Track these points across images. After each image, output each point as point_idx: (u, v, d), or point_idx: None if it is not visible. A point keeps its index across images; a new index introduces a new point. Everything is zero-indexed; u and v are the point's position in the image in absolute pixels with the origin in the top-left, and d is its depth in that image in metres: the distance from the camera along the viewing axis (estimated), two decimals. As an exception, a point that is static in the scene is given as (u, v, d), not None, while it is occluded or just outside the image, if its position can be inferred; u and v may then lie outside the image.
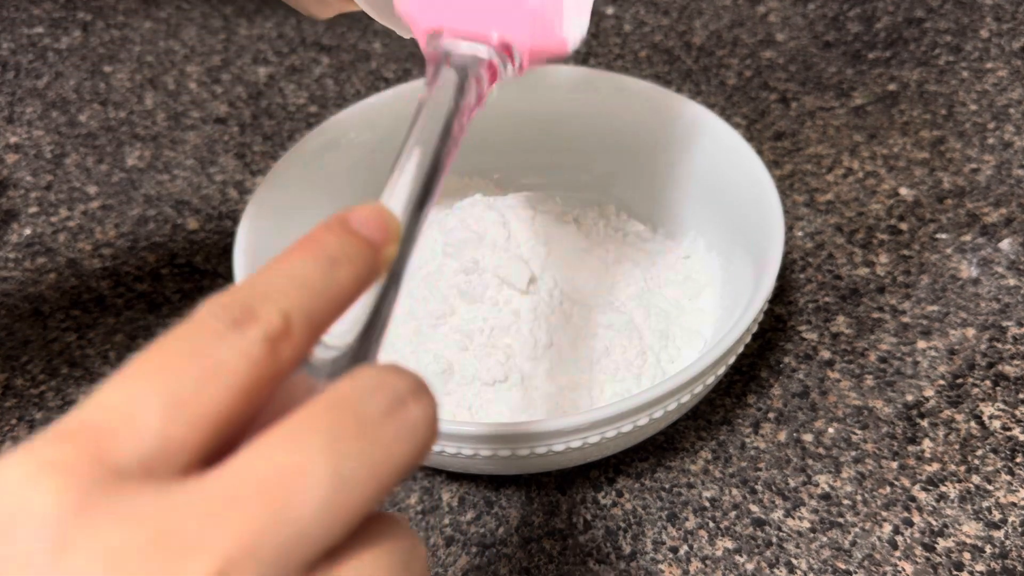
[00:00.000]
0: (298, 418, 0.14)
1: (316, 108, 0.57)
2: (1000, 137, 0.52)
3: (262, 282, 0.16)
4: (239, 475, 0.14)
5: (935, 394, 0.40)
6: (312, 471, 0.14)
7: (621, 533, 0.36)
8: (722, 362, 0.33)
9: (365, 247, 0.17)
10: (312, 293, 0.16)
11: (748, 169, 0.39)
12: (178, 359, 0.14)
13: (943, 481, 0.37)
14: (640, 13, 0.63)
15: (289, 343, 0.15)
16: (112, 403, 0.14)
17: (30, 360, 0.43)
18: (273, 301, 0.15)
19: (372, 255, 0.17)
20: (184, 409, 0.14)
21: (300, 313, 0.15)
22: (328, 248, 0.16)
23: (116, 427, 0.14)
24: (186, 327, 0.15)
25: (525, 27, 0.25)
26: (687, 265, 0.42)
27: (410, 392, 0.15)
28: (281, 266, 0.16)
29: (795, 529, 0.36)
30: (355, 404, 0.15)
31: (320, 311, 0.16)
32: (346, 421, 0.14)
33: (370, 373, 0.15)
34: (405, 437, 0.15)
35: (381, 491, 0.14)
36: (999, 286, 0.44)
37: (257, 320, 0.15)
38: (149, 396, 0.14)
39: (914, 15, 0.61)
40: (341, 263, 0.16)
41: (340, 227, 0.17)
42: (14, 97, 0.59)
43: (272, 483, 0.14)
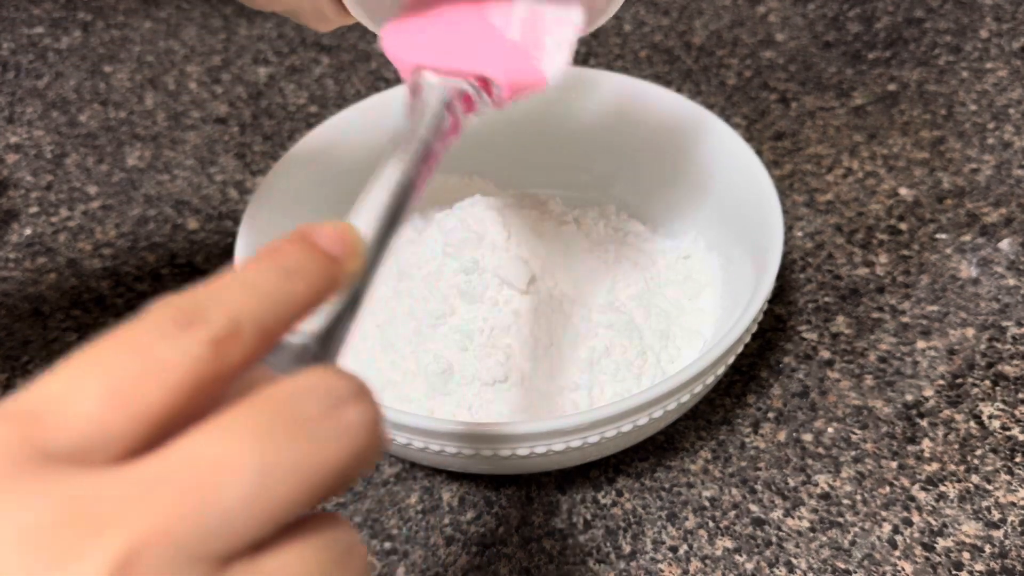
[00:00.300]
0: (233, 412, 0.15)
1: (316, 108, 0.57)
2: (1000, 137, 0.52)
3: (216, 288, 0.16)
4: (166, 462, 0.14)
5: (935, 394, 0.40)
6: (238, 462, 0.14)
7: (621, 533, 0.36)
8: (722, 362, 0.33)
9: (324, 260, 0.17)
10: (265, 300, 0.16)
11: (748, 169, 0.39)
12: (120, 353, 0.15)
13: (942, 481, 0.37)
14: (640, 13, 0.63)
15: (237, 346, 0.15)
16: (51, 390, 0.14)
17: (30, 360, 0.43)
18: (223, 305, 0.16)
19: (331, 268, 0.17)
20: (120, 400, 0.14)
21: (251, 318, 0.16)
22: (286, 259, 0.17)
23: (51, 412, 0.14)
24: (134, 325, 0.15)
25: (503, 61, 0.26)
26: (687, 265, 0.42)
27: (351, 395, 0.15)
28: (238, 274, 0.16)
29: (795, 529, 0.36)
30: (291, 402, 0.15)
31: (273, 318, 0.16)
32: (279, 417, 0.15)
33: (312, 374, 0.16)
34: (340, 438, 0.15)
35: (312, 490, 0.15)
36: (999, 286, 0.44)
37: (205, 322, 0.15)
38: (86, 386, 0.14)
39: (914, 15, 0.61)
40: (298, 274, 0.17)
41: (300, 240, 0.17)
42: (14, 97, 0.59)
43: (196, 471, 0.14)
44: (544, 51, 0.27)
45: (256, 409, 0.15)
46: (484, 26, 0.27)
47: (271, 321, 0.16)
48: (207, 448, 0.14)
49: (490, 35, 0.27)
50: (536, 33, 0.27)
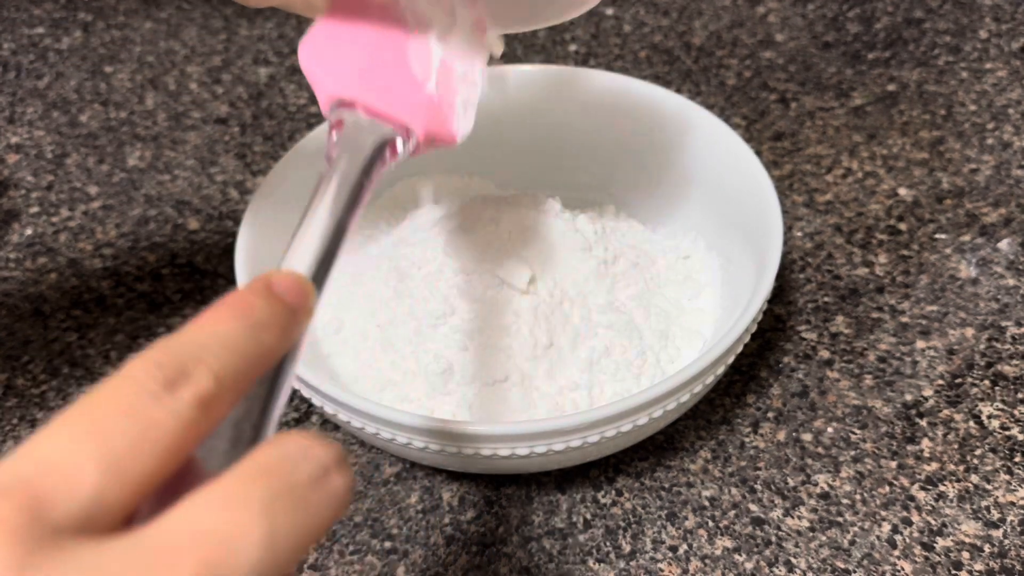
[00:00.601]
0: (234, 480, 0.15)
1: (316, 108, 0.57)
2: (999, 137, 0.52)
3: (192, 341, 0.16)
4: (180, 531, 0.14)
5: (934, 394, 0.40)
6: (248, 531, 0.14)
7: (621, 532, 0.36)
8: (721, 362, 0.33)
9: (287, 312, 0.18)
10: (240, 355, 0.17)
11: (747, 170, 0.39)
12: (113, 417, 0.15)
13: (942, 480, 0.37)
14: (640, 13, 0.63)
15: (218, 403, 0.16)
16: (48, 459, 0.14)
17: (31, 360, 0.44)
18: (204, 363, 0.16)
19: (292, 318, 0.18)
20: (119, 469, 0.15)
21: (229, 374, 0.16)
22: (255, 312, 0.17)
23: (53, 485, 0.14)
24: (120, 383, 0.15)
25: (424, 116, 0.27)
26: (687, 265, 0.42)
27: (333, 463, 0.16)
28: (212, 327, 0.17)
29: (794, 528, 0.36)
30: (287, 471, 0.16)
31: (246, 372, 0.17)
32: (279, 486, 0.15)
33: (298, 442, 0.16)
34: (329, 504, 0.16)
35: (305, 552, 0.15)
36: (998, 286, 0.44)
37: (190, 381, 0.16)
38: (85, 454, 0.15)
39: (913, 15, 0.61)
40: (266, 327, 0.17)
41: (266, 291, 0.18)
42: (15, 97, 0.59)
43: (209, 540, 0.14)
44: (455, 110, 0.28)
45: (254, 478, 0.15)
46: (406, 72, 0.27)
47: (245, 375, 0.17)
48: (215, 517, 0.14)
49: (412, 84, 0.27)
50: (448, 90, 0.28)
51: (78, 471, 0.14)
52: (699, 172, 0.42)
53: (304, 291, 0.19)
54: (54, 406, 0.41)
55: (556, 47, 0.61)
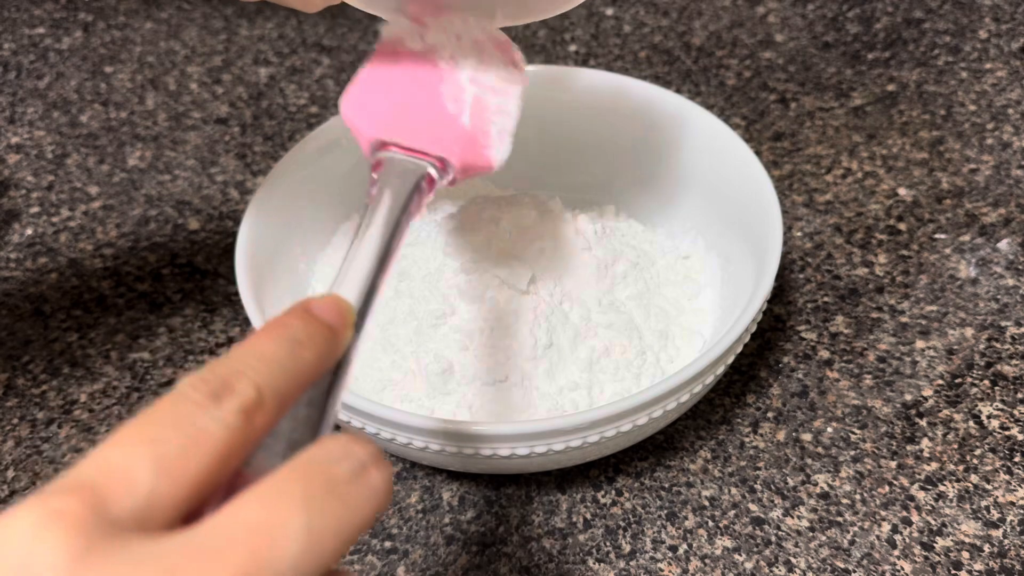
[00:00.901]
0: (276, 478, 0.16)
1: (317, 109, 0.57)
2: (999, 137, 0.52)
3: (235, 360, 0.18)
4: (226, 526, 0.15)
5: (934, 394, 0.40)
6: (289, 524, 0.16)
7: (621, 532, 0.36)
8: (721, 362, 0.33)
9: (326, 331, 0.20)
10: (280, 370, 0.18)
11: (747, 170, 0.39)
12: (165, 427, 0.16)
13: (942, 480, 0.37)
14: (640, 14, 0.63)
15: (262, 413, 0.17)
16: (108, 463, 0.16)
17: (31, 360, 0.44)
18: (247, 377, 0.18)
19: (332, 338, 0.20)
20: (171, 470, 0.16)
21: (270, 388, 0.18)
22: (293, 331, 0.19)
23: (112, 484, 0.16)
24: (170, 399, 0.17)
25: (459, 148, 0.29)
26: (686, 265, 0.42)
27: (371, 460, 0.17)
28: (252, 347, 0.18)
29: (794, 528, 0.36)
30: (326, 468, 0.17)
31: (287, 386, 0.18)
32: (318, 482, 0.16)
33: (336, 441, 0.17)
34: (368, 498, 0.17)
35: (347, 546, 0.16)
36: (997, 286, 0.44)
37: (233, 393, 0.17)
38: (140, 459, 0.16)
39: (913, 16, 0.61)
40: (305, 345, 0.19)
41: (304, 313, 0.20)
42: (15, 97, 0.59)
43: (255, 534, 0.15)
44: (490, 139, 0.30)
45: (297, 476, 0.16)
46: (440, 109, 0.30)
47: (286, 389, 0.18)
48: (260, 513, 0.16)
49: (446, 120, 0.29)
50: (483, 121, 0.30)
51: (134, 473, 0.16)
52: (699, 172, 0.42)
53: (342, 311, 0.20)
54: (54, 406, 0.41)
55: (556, 47, 0.61)
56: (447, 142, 0.29)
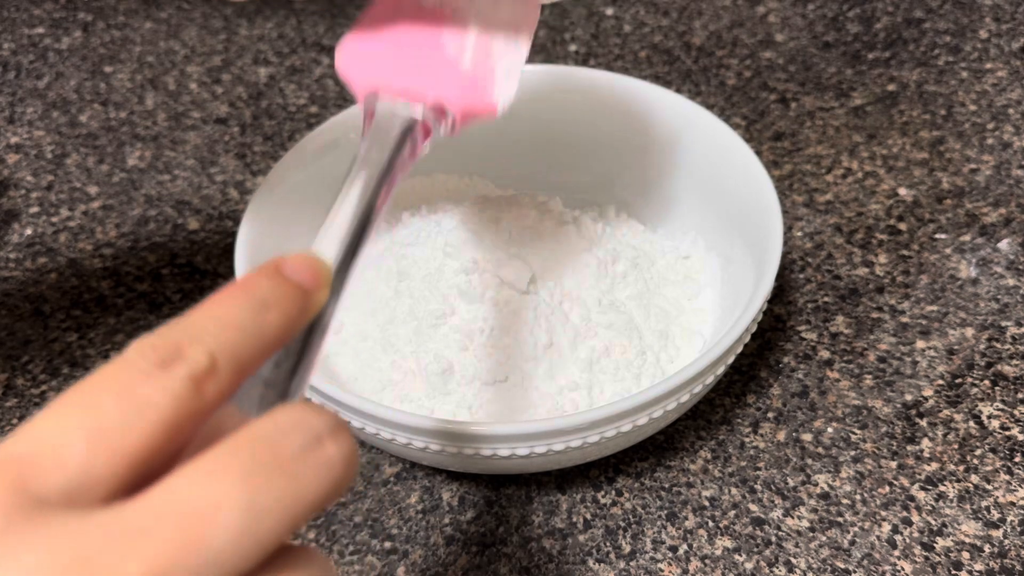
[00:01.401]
0: (215, 452, 0.15)
1: (316, 108, 0.57)
2: (999, 137, 0.52)
3: (191, 323, 0.16)
4: (156, 504, 0.14)
5: (934, 394, 0.40)
6: (226, 503, 0.14)
7: (621, 532, 0.36)
8: (721, 362, 0.33)
9: (295, 291, 0.18)
10: (240, 334, 0.16)
11: (747, 170, 0.39)
12: (105, 395, 0.15)
13: (942, 480, 0.37)
14: (640, 13, 0.63)
15: (214, 382, 0.16)
16: (39, 435, 0.15)
17: (31, 360, 0.43)
18: (200, 342, 0.16)
19: (302, 299, 0.18)
20: (107, 443, 0.15)
21: (227, 354, 0.16)
22: (259, 292, 0.17)
23: (40, 458, 0.14)
24: (115, 365, 0.16)
25: (457, 90, 0.26)
26: (687, 265, 0.42)
27: (328, 431, 0.16)
28: (211, 309, 0.17)
29: (794, 528, 0.36)
30: (272, 440, 0.15)
31: (248, 352, 0.17)
32: (262, 456, 0.15)
33: (289, 411, 0.16)
34: (320, 474, 0.15)
35: (294, 523, 0.15)
36: (998, 286, 0.44)
37: (183, 360, 0.16)
38: (74, 429, 0.15)
39: (913, 15, 0.61)
40: (271, 307, 0.17)
41: (272, 272, 0.18)
42: (15, 97, 0.59)
43: (187, 512, 0.14)
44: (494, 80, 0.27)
45: (238, 449, 0.15)
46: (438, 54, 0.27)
47: (247, 355, 0.16)
48: (195, 489, 0.14)
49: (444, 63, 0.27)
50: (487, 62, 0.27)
51: (67, 446, 0.15)
52: (699, 172, 0.42)
53: (316, 271, 0.18)
54: (54, 406, 0.41)
55: (556, 47, 0.61)
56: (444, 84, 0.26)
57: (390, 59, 0.27)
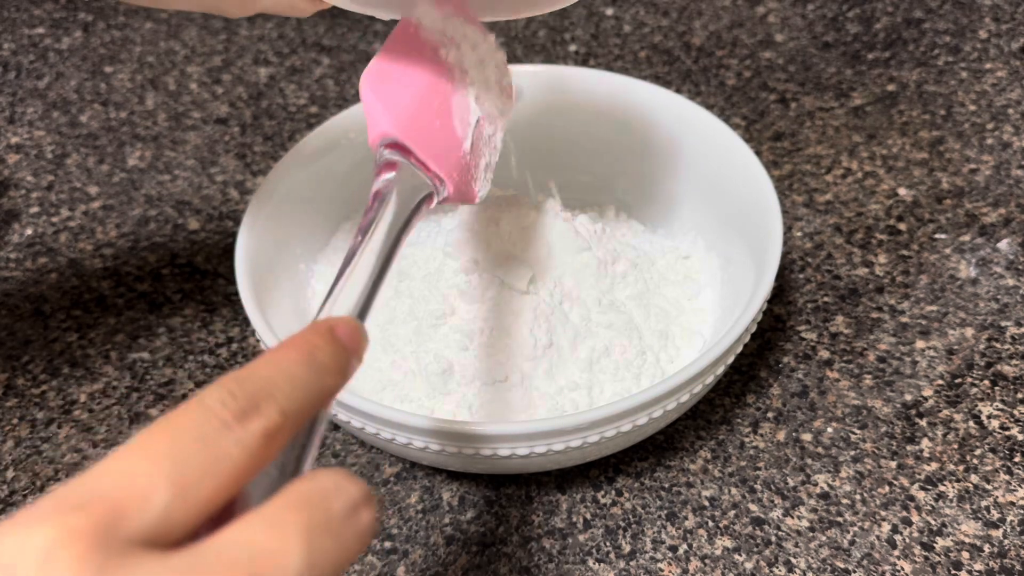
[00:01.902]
0: (277, 505, 0.16)
1: (317, 108, 0.57)
2: (999, 137, 0.52)
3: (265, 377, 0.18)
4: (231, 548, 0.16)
5: (934, 394, 0.40)
6: (291, 553, 0.16)
7: (621, 532, 0.36)
8: (721, 362, 0.33)
9: (345, 356, 0.20)
10: (305, 394, 0.18)
11: (747, 170, 0.39)
12: (187, 443, 0.16)
13: (942, 480, 0.37)
14: (640, 14, 0.63)
15: (280, 437, 0.17)
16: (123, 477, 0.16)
17: (31, 360, 0.44)
18: (274, 399, 0.18)
19: (348, 364, 0.20)
20: (187, 492, 0.16)
21: (293, 411, 0.18)
22: (321, 355, 0.19)
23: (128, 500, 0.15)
24: (196, 411, 0.17)
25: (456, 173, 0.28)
26: (686, 265, 0.42)
27: (363, 500, 0.18)
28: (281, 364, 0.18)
29: (794, 528, 0.36)
30: (324, 502, 0.17)
31: (307, 410, 0.18)
32: (318, 516, 0.17)
33: (332, 476, 0.17)
34: (358, 536, 0.17)
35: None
36: (997, 286, 0.44)
37: (259, 415, 0.17)
38: (159, 475, 0.16)
39: (913, 16, 0.61)
40: (329, 370, 0.19)
41: (329, 335, 0.20)
42: (15, 97, 0.59)
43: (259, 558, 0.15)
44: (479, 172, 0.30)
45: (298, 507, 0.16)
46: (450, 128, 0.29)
47: (306, 411, 0.18)
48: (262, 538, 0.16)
49: (453, 139, 0.29)
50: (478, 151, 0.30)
51: (151, 490, 0.16)
52: (699, 172, 0.42)
53: (359, 337, 0.20)
54: (54, 406, 0.41)
55: (556, 47, 0.61)
56: (451, 165, 0.28)
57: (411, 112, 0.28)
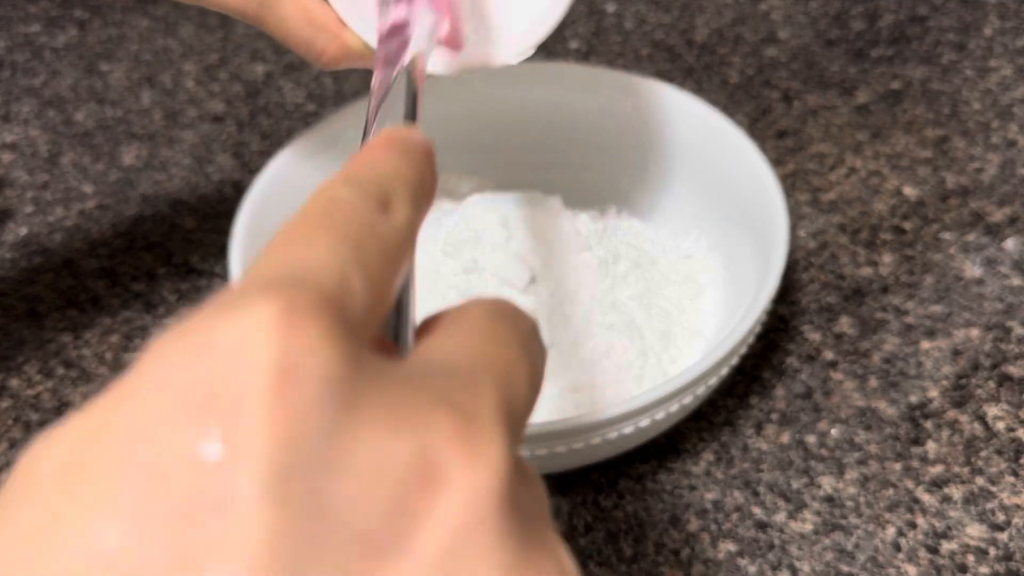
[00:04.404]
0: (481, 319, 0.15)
1: (314, 106, 0.57)
2: (1004, 136, 0.51)
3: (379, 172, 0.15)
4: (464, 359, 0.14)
5: (939, 395, 0.40)
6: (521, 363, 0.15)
7: (622, 536, 0.36)
8: (724, 363, 0.33)
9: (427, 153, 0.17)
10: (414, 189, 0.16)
11: (751, 168, 0.38)
12: (355, 228, 0.13)
13: (947, 483, 0.37)
14: (641, 10, 0.63)
15: (419, 224, 0.15)
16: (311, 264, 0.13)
17: (26, 360, 0.43)
18: (401, 190, 0.15)
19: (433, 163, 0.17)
20: (374, 280, 0.13)
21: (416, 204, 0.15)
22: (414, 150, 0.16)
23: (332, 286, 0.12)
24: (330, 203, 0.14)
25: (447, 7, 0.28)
26: (689, 265, 0.41)
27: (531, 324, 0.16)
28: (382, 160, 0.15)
29: (798, 531, 0.35)
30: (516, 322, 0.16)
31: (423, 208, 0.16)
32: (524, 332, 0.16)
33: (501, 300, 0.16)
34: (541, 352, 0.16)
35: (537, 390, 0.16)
36: (1003, 286, 0.44)
37: (398, 203, 0.15)
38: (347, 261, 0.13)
39: (917, 13, 0.61)
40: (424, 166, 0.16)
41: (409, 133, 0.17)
42: (10, 95, 0.58)
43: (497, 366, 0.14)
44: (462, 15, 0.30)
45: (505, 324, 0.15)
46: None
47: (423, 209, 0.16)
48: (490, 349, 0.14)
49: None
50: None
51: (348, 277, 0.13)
52: (702, 170, 0.41)
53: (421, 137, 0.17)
54: (49, 407, 0.41)
55: (557, 44, 0.60)
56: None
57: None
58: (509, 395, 0.14)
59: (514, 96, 0.44)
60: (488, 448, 0.12)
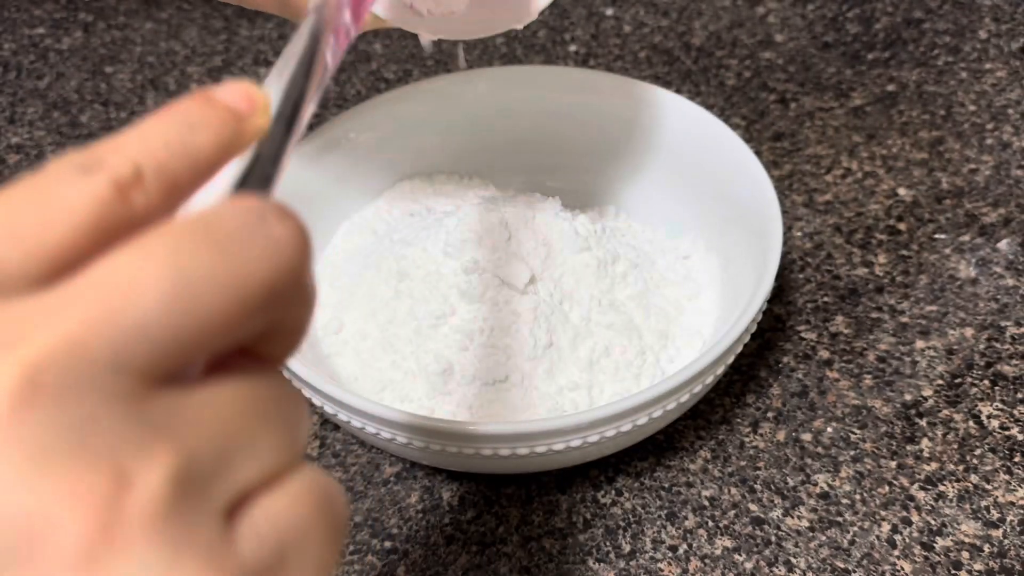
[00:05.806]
0: (144, 236, 0.14)
1: (317, 109, 0.57)
2: (999, 137, 0.52)
3: (116, 139, 0.16)
4: (75, 285, 0.14)
5: (933, 394, 0.40)
6: (152, 274, 0.14)
7: (621, 532, 0.36)
8: (721, 362, 0.33)
9: (227, 114, 0.17)
10: (167, 151, 0.16)
11: (747, 170, 0.39)
12: (19, 198, 0.15)
13: (941, 480, 0.37)
14: (639, 14, 0.63)
15: (141, 193, 0.15)
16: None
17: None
18: (123, 153, 0.15)
19: (236, 123, 0.17)
20: (21, 239, 0.14)
21: (153, 167, 0.15)
22: (187, 114, 0.17)
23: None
24: (33, 175, 0.15)
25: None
26: (686, 265, 0.42)
27: (274, 212, 0.15)
28: (136, 128, 0.16)
29: (794, 528, 0.36)
30: (207, 221, 0.15)
31: (178, 170, 0.16)
32: (196, 233, 0.14)
33: (231, 198, 0.16)
34: (264, 251, 0.15)
35: (236, 304, 0.14)
36: (997, 286, 0.44)
37: (104, 167, 0.15)
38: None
39: (913, 16, 0.61)
40: (199, 127, 0.16)
41: (201, 97, 0.17)
42: (16, 98, 0.59)
43: (108, 286, 0.14)
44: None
45: (169, 231, 0.14)
46: None
47: (176, 172, 0.16)
48: (117, 267, 0.14)
49: None
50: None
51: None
52: (699, 172, 0.42)
53: (252, 97, 0.18)
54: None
55: (556, 47, 0.61)
56: None
57: None
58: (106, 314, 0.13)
59: (513, 98, 0.44)
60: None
